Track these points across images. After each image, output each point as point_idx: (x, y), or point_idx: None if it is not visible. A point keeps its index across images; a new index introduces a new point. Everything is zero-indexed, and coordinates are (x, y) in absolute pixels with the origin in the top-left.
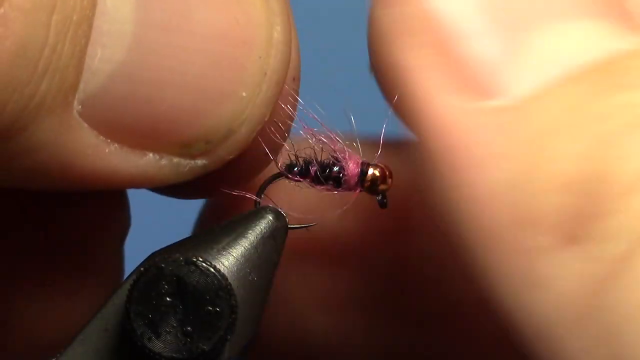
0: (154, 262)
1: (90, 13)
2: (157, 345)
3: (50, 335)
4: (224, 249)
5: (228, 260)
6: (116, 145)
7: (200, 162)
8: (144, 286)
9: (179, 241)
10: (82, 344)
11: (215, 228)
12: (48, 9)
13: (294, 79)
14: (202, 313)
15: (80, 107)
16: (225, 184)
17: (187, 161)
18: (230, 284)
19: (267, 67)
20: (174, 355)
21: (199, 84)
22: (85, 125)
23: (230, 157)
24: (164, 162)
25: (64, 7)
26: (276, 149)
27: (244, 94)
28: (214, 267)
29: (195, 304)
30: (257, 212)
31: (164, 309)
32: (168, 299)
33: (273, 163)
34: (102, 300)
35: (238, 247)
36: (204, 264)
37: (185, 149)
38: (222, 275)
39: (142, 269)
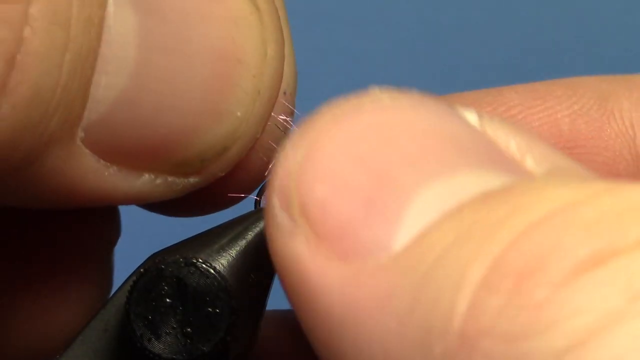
0: (154, 263)
1: (97, 44)
2: (157, 347)
3: (38, 341)
4: (224, 250)
5: (228, 262)
6: (115, 167)
7: (193, 179)
8: (143, 287)
9: (178, 242)
10: (81, 345)
11: (215, 229)
12: (61, 49)
13: (285, 93)
14: (202, 314)
15: (82, 134)
16: (223, 200)
17: (181, 179)
18: (230, 285)
19: (260, 84)
20: (174, 356)
21: (197, 105)
22: (87, 151)
23: (222, 173)
24: (158, 181)
25: (75, 44)
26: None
27: (238, 113)
28: (214, 269)
29: (195, 305)
30: (256, 213)
31: (163, 310)
32: (168, 300)
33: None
34: (91, 308)
35: (238, 248)
36: (203, 265)
37: (180, 168)
38: (222, 276)
39: (141, 270)
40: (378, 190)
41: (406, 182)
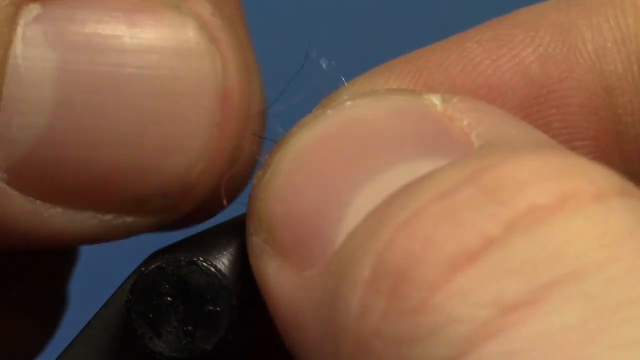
0: (155, 262)
1: None
2: (158, 345)
3: None
4: (224, 248)
5: (229, 260)
6: (59, 208)
7: (158, 217)
8: (144, 286)
9: (179, 241)
10: (82, 345)
11: (215, 227)
12: None
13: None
14: (203, 313)
15: (5, 175)
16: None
17: (145, 218)
18: (231, 284)
19: (217, 117)
20: (174, 355)
21: (137, 141)
22: (15, 192)
23: (190, 208)
24: (117, 221)
25: None
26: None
27: (192, 148)
28: (215, 267)
29: (196, 304)
30: None
31: (164, 309)
32: (169, 298)
33: None
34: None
35: (239, 246)
36: (204, 264)
37: (140, 206)
38: (223, 274)
39: (142, 268)
40: (324, 201)
41: (344, 189)
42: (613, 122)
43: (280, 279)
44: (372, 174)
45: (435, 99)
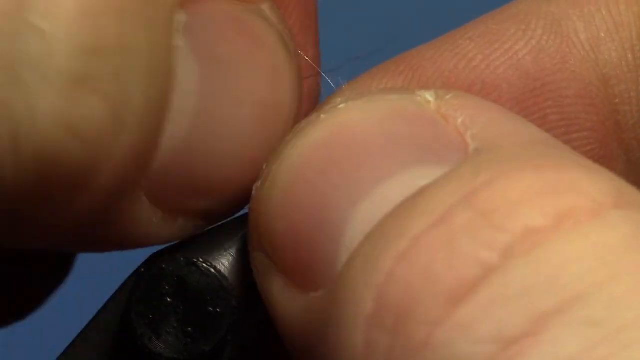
0: (155, 263)
1: (168, 93)
2: (158, 346)
3: None
4: (224, 249)
5: (229, 261)
6: (160, 213)
7: (215, 221)
8: (145, 286)
9: (179, 241)
10: (82, 345)
11: (215, 228)
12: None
13: None
14: (203, 314)
15: (143, 182)
16: None
17: (207, 222)
18: (231, 285)
19: (288, 125)
20: (174, 355)
21: (239, 152)
22: (145, 199)
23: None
24: (188, 224)
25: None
26: None
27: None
28: (215, 268)
29: (196, 305)
30: None
31: (164, 310)
32: (169, 299)
33: None
34: None
35: (239, 247)
36: (204, 265)
37: (213, 211)
38: (223, 275)
39: (142, 269)
40: (323, 218)
41: (342, 205)
42: (610, 112)
43: (285, 298)
44: (368, 188)
45: (429, 96)
